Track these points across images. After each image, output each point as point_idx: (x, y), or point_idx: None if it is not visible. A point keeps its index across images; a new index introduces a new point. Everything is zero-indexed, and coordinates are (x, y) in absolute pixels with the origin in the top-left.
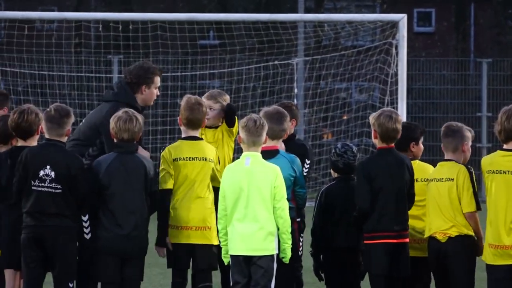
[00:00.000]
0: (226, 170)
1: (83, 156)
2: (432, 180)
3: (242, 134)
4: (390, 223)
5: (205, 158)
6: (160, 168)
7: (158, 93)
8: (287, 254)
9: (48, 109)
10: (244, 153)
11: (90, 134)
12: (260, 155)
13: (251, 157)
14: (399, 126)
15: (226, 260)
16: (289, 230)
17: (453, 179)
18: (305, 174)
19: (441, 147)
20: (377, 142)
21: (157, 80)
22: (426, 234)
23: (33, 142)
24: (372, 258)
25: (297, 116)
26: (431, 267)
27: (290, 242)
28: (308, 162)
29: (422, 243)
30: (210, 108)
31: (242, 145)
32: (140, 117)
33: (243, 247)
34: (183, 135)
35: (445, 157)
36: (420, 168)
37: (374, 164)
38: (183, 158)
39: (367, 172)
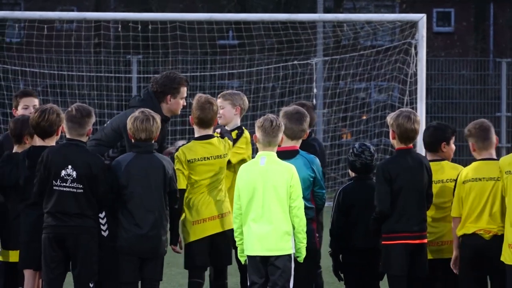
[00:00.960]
0: (241, 170)
1: (102, 156)
2: (475, 179)
3: (258, 134)
4: (409, 224)
5: (220, 156)
6: (175, 168)
7: (185, 104)
8: (302, 254)
9: (70, 109)
10: (259, 153)
11: (112, 136)
12: (275, 154)
13: (266, 157)
14: (418, 127)
15: (242, 259)
16: (305, 229)
17: (498, 178)
18: None
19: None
20: (395, 143)
21: (183, 90)
22: (461, 233)
23: (51, 142)
24: (391, 258)
25: (311, 116)
26: (464, 265)
27: (305, 241)
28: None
29: (442, 245)
30: (221, 107)
31: (258, 145)
32: (157, 117)
33: (260, 247)
34: (195, 135)
35: (482, 157)
36: (450, 168)
37: (393, 165)
38: (197, 159)
39: (387, 173)
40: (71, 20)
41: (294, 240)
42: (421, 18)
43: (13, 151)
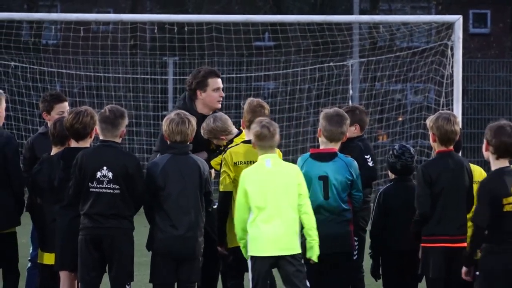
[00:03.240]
0: (247, 174)
1: None
2: None
3: (258, 143)
4: (449, 227)
5: None
6: (222, 170)
7: (222, 95)
8: (316, 252)
9: (103, 110)
10: (262, 156)
11: (159, 142)
12: (277, 155)
13: (271, 159)
14: (458, 128)
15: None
16: (315, 226)
17: None
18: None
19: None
20: (435, 146)
21: (213, 81)
22: None
23: (85, 144)
24: (430, 261)
25: (360, 120)
26: None
27: (317, 238)
28: (367, 157)
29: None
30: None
31: (257, 149)
32: (192, 119)
33: (273, 248)
34: (246, 137)
35: None
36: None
37: (434, 167)
38: (244, 162)
39: (428, 175)
40: (107, 22)
41: (304, 238)
42: (457, 19)
43: (51, 153)
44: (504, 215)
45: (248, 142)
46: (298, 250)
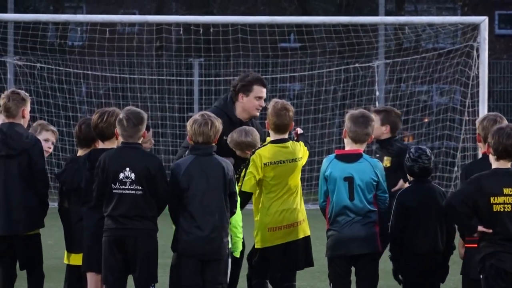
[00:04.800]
0: None
1: None
2: None
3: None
4: None
5: (295, 159)
6: (248, 171)
7: (262, 104)
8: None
9: (120, 118)
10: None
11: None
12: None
13: None
14: None
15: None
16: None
17: None
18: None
19: None
20: (481, 146)
21: (258, 89)
22: None
23: (112, 145)
24: (472, 262)
25: (393, 122)
26: None
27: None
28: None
29: None
30: None
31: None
32: (217, 121)
33: None
34: (271, 138)
35: None
36: None
37: (477, 168)
38: (273, 162)
39: (471, 176)
40: (133, 23)
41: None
42: (483, 20)
43: (78, 154)
44: (495, 215)
45: (275, 142)
46: None
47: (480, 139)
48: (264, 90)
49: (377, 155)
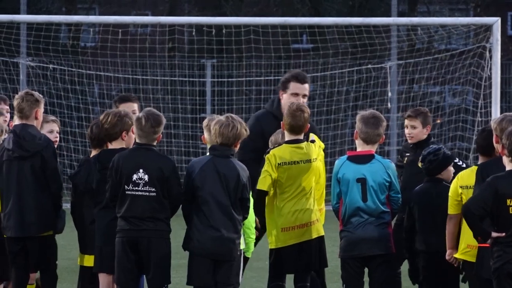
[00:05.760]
0: None
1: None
2: None
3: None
4: None
5: (309, 160)
6: (264, 170)
7: (300, 101)
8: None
9: (139, 117)
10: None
11: (247, 142)
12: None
13: None
14: None
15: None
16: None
17: None
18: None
19: None
20: (498, 147)
21: (293, 86)
22: None
23: (119, 145)
24: (484, 261)
25: (431, 122)
26: None
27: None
28: (456, 160)
29: None
30: None
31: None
32: (240, 125)
33: None
34: (286, 138)
35: None
36: None
37: (492, 168)
38: (288, 162)
39: (486, 175)
40: (145, 24)
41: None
42: (495, 21)
43: (91, 155)
44: (510, 218)
45: (290, 142)
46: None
47: (498, 140)
48: (302, 86)
49: (407, 155)
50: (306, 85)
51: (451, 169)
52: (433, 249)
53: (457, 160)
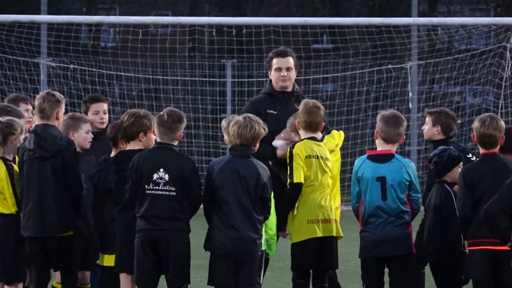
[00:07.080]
0: None
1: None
2: None
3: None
4: None
5: (327, 158)
6: (295, 163)
7: (284, 74)
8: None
9: (162, 113)
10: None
11: None
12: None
13: None
14: (494, 132)
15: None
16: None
17: None
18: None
19: None
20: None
21: (275, 61)
22: None
23: (136, 146)
24: (473, 263)
25: (443, 123)
26: None
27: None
28: (469, 156)
29: None
30: None
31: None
32: (257, 125)
33: None
34: (302, 137)
35: None
36: None
37: (476, 170)
38: (313, 156)
39: (469, 179)
40: (165, 25)
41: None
42: None
43: (111, 155)
44: None
45: (311, 139)
46: None
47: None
48: (284, 59)
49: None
50: (289, 59)
51: (458, 170)
52: (450, 248)
53: (470, 155)
